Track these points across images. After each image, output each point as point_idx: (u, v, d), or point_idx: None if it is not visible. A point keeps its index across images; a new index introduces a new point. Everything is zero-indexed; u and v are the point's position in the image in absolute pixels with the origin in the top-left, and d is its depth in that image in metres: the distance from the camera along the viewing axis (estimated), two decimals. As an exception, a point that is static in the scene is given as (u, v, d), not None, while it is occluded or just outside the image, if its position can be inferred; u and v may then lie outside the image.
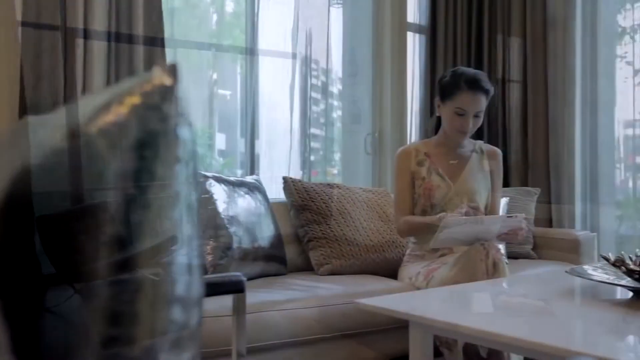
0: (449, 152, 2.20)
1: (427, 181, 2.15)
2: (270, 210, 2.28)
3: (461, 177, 2.16)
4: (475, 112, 2.08)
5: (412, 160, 2.19)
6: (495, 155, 2.26)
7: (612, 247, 3.25)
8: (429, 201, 2.13)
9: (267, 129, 3.23)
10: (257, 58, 3.01)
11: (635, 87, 3.19)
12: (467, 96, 2.06)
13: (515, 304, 1.35)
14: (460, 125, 2.09)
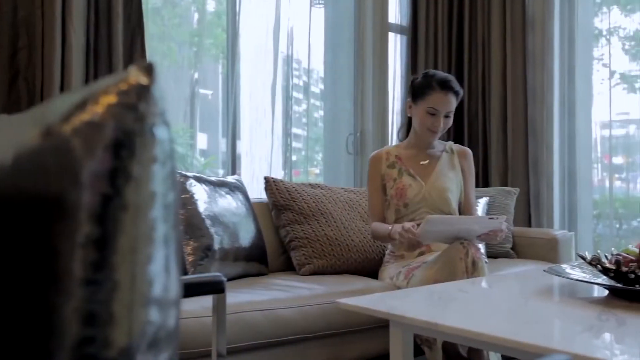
0: (419, 154, 2.24)
1: (398, 182, 2.19)
2: (252, 210, 2.28)
3: (432, 176, 2.19)
4: (446, 112, 2.14)
5: (383, 164, 2.24)
6: (466, 154, 2.30)
7: (590, 245, 3.30)
8: (401, 201, 2.16)
9: (248, 129, 3.22)
10: (239, 57, 3.00)
11: (611, 89, 3.24)
12: (439, 96, 2.12)
13: (494, 303, 1.36)
14: (431, 124, 2.14)
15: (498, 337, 0.98)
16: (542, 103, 3.26)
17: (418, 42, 3.38)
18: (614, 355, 0.96)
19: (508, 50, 3.32)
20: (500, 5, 3.36)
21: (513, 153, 3.31)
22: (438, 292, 1.41)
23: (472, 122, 3.48)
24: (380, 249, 2.40)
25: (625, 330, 1.08)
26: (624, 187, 3.33)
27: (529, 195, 3.26)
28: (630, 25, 3.28)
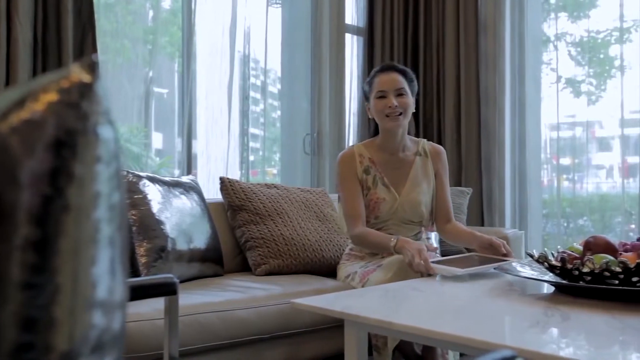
0: (392, 157, 2.13)
1: (372, 192, 2.08)
2: (207, 210, 2.25)
3: (406, 188, 2.10)
4: (395, 89, 2.04)
5: (358, 165, 2.11)
6: (439, 154, 2.20)
7: (539, 244, 3.41)
8: (373, 214, 2.08)
9: (205, 128, 3.18)
10: (195, 56, 2.97)
11: (559, 92, 3.36)
12: (382, 77, 2.06)
13: (447, 301, 1.39)
14: (384, 106, 2.03)
15: (448, 334, 1.00)
16: (494, 105, 3.34)
17: (374, 43, 3.42)
18: (560, 349, 1.00)
19: (462, 53, 3.39)
20: (454, 9, 3.43)
21: (467, 154, 3.38)
22: (392, 291, 1.43)
23: (427, 123, 3.54)
24: (336, 249, 2.41)
25: (569, 325, 1.12)
26: (571, 187, 3.45)
27: (481, 195, 3.33)
28: (576, 31, 3.40)
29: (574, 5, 3.44)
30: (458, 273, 1.58)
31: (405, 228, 2.11)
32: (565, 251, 1.44)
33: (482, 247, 1.92)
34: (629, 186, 3.16)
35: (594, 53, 3.38)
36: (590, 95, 3.32)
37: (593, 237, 1.46)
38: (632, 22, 3.13)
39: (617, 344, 1.00)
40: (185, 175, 2.61)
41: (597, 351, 0.96)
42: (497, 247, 1.85)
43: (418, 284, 1.55)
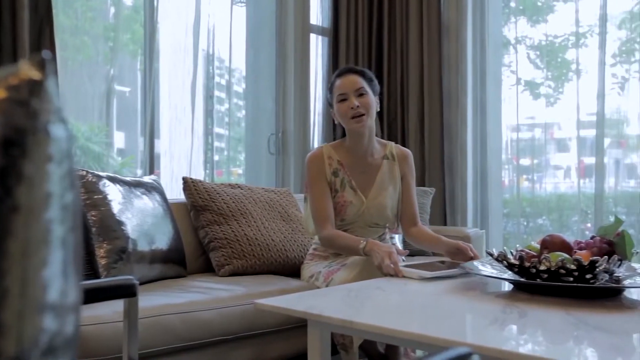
0: (360, 161, 2.13)
1: (340, 195, 2.08)
2: (169, 211, 2.22)
3: (373, 191, 2.11)
4: (354, 89, 2.03)
5: (327, 167, 2.11)
6: (406, 158, 2.20)
7: (500, 242, 3.48)
8: (339, 217, 2.08)
9: (168, 128, 3.14)
10: (157, 54, 2.92)
11: (518, 95, 3.44)
12: (340, 81, 2.07)
13: (409, 300, 1.40)
14: (346, 108, 2.03)
15: (408, 332, 1.01)
16: (456, 107, 3.39)
17: (339, 44, 3.43)
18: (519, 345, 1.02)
19: (425, 55, 3.44)
20: (418, 12, 3.47)
21: (430, 154, 3.43)
22: (355, 291, 1.44)
23: (392, 125, 3.57)
24: (300, 249, 2.41)
25: (526, 322, 1.14)
26: (531, 187, 3.53)
27: (444, 194, 3.39)
28: (535, 35, 3.49)
29: (533, 10, 3.52)
30: (426, 276, 1.60)
31: (370, 231, 2.12)
32: (523, 250, 1.47)
33: (449, 252, 1.94)
34: (585, 186, 3.26)
35: (552, 57, 3.47)
36: (548, 97, 3.41)
37: (550, 236, 1.49)
38: (588, 27, 3.23)
39: (571, 339, 1.03)
40: (148, 175, 2.57)
41: (553, 347, 0.99)
42: (464, 251, 1.87)
43: (381, 283, 1.56)
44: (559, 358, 0.89)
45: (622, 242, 1.38)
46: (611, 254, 1.38)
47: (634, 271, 1.49)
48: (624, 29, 3.19)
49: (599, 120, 3.09)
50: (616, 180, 3.21)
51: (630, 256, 1.41)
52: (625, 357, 0.94)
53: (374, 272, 1.76)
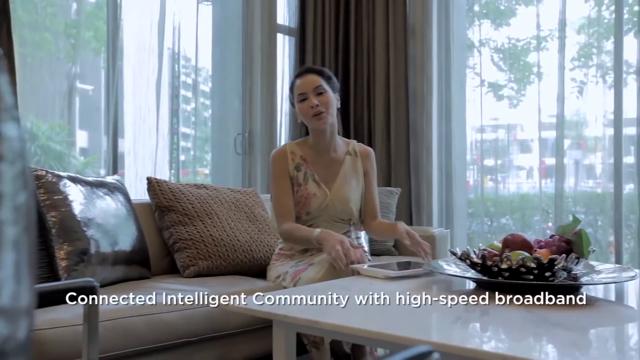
0: (323, 156, 2.19)
1: (303, 188, 2.13)
2: (133, 211, 2.18)
3: (336, 184, 2.16)
4: (313, 88, 2.10)
5: (290, 163, 2.16)
6: (368, 155, 2.27)
7: (464, 242, 3.54)
8: (304, 210, 2.12)
9: (132, 127, 3.09)
10: (121, 52, 2.87)
11: (482, 96, 3.50)
12: (299, 81, 2.13)
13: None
14: (307, 107, 2.09)
15: (373, 331, 1.02)
16: (422, 108, 3.43)
17: (306, 44, 3.43)
18: (483, 343, 1.04)
19: (391, 56, 3.47)
20: (384, 13, 3.50)
21: (396, 155, 3.46)
22: (321, 291, 1.44)
23: (358, 125, 3.59)
24: (267, 249, 2.40)
25: (488, 320, 1.17)
26: (494, 187, 3.60)
27: (410, 194, 3.42)
28: (498, 38, 3.56)
29: (496, 13, 3.59)
30: (391, 275, 1.62)
31: (335, 226, 2.14)
32: (485, 249, 1.50)
33: (401, 237, 2.02)
34: (546, 186, 3.34)
35: (515, 59, 3.55)
36: (511, 99, 3.48)
37: (511, 235, 1.53)
38: (549, 31, 3.31)
39: (531, 336, 1.05)
40: (111, 175, 2.52)
41: (514, 344, 1.01)
42: (412, 236, 1.98)
43: (347, 283, 1.57)
44: (519, 355, 0.91)
45: (579, 241, 1.42)
46: (569, 253, 1.42)
47: (591, 269, 1.54)
48: (582, 33, 3.28)
49: (559, 122, 3.17)
50: (576, 180, 3.30)
51: (587, 254, 1.45)
52: (583, 353, 0.96)
53: (340, 272, 1.77)
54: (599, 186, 3.22)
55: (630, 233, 3.07)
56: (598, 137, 3.17)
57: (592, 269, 1.53)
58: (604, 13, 3.21)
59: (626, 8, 3.06)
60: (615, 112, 3.06)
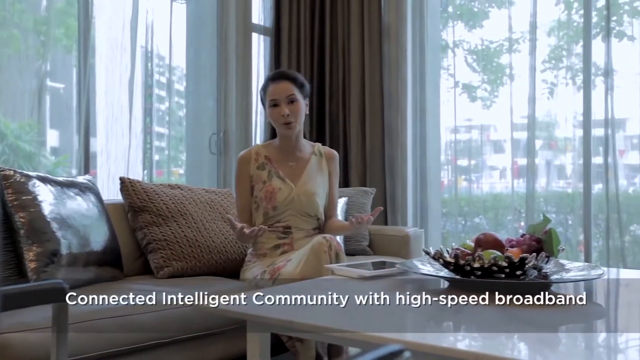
0: (289, 156, 2.25)
1: (268, 184, 2.19)
2: (105, 212, 2.15)
3: (302, 179, 2.22)
4: (285, 96, 2.16)
5: (252, 165, 2.23)
6: (333, 157, 2.35)
7: (439, 241, 3.57)
8: (271, 204, 2.17)
9: (104, 126, 3.05)
10: (93, 50, 2.83)
11: (456, 97, 3.54)
12: (272, 87, 2.19)
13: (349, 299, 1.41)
14: (278, 114, 2.16)
15: (347, 331, 1.02)
16: (397, 108, 3.46)
17: (281, 44, 3.43)
18: (457, 341, 1.05)
19: (366, 57, 3.48)
20: (359, 13, 3.51)
21: (371, 155, 3.47)
22: (295, 290, 1.44)
23: (333, 125, 3.60)
24: (241, 250, 2.39)
25: (461, 318, 1.18)
26: (468, 187, 3.64)
27: (385, 195, 3.44)
28: (472, 40, 3.60)
29: (469, 15, 3.64)
30: (366, 275, 1.63)
31: (303, 220, 2.20)
32: (458, 248, 1.52)
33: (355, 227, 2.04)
34: (518, 186, 3.39)
35: (488, 61, 3.59)
36: (485, 100, 3.53)
37: (483, 235, 1.55)
38: (520, 33, 3.36)
39: (503, 334, 1.07)
40: (83, 175, 2.48)
41: (486, 342, 1.02)
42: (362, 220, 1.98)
43: (321, 282, 1.57)
44: (491, 353, 0.92)
45: (549, 240, 1.45)
46: (540, 251, 1.44)
47: (561, 267, 1.57)
48: (553, 36, 3.34)
49: (530, 123, 3.22)
50: (547, 180, 3.36)
51: (557, 253, 1.48)
52: (552, 350, 0.98)
53: (320, 260, 1.84)
54: (569, 186, 3.28)
55: (598, 232, 3.14)
56: (568, 138, 3.23)
57: (562, 267, 1.56)
58: (574, 16, 3.27)
59: (595, 12, 3.13)
60: (585, 114, 3.12)
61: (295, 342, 1.88)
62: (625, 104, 3.08)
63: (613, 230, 3.04)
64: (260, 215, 2.19)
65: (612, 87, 3.04)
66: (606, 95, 3.04)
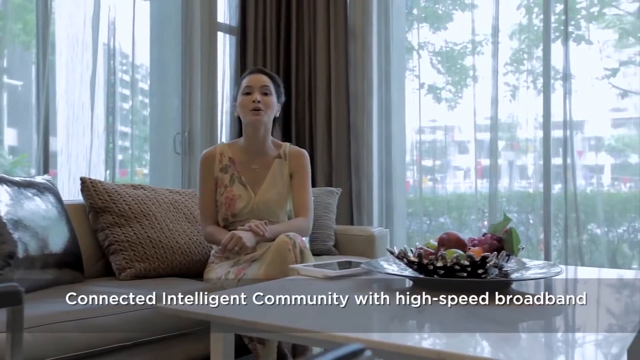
0: (253, 157, 2.23)
1: (229, 189, 2.18)
2: (65, 213, 2.10)
3: (262, 187, 2.20)
4: (260, 86, 2.17)
5: (216, 165, 2.21)
6: (299, 156, 2.27)
7: (404, 241, 3.61)
8: (230, 211, 2.17)
9: (65, 125, 2.97)
10: (53, 46, 2.76)
11: (421, 98, 3.58)
12: (251, 76, 2.21)
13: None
14: (248, 101, 2.15)
15: (310, 330, 1.02)
16: (362, 109, 3.48)
17: (247, 43, 3.41)
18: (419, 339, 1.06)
19: (332, 57, 3.49)
20: (325, 14, 3.52)
21: (337, 155, 3.48)
22: (259, 291, 1.43)
23: (299, 125, 3.60)
24: (206, 251, 2.37)
25: (424, 317, 1.19)
26: (433, 187, 3.69)
27: (351, 195, 3.45)
28: (437, 41, 3.65)
29: (434, 17, 3.68)
30: (331, 275, 1.63)
31: None
32: (422, 247, 1.53)
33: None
34: (482, 186, 3.45)
35: (452, 63, 3.65)
36: (449, 101, 3.58)
37: (446, 234, 1.57)
38: (484, 36, 3.42)
39: (465, 331, 1.08)
40: (42, 175, 2.42)
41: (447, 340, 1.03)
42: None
43: (286, 283, 1.57)
44: (453, 351, 0.93)
45: (509, 239, 1.48)
46: (500, 250, 1.47)
47: (522, 265, 1.60)
48: (514, 39, 3.41)
49: (493, 124, 3.29)
50: (510, 180, 3.42)
51: (517, 252, 1.51)
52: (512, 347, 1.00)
53: (285, 259, 1.83)
54: (531, 186, 3.36)
55: (558, 231, 3.22)
56: (530, 139, 3.31)
57: (523, 265, 1.59)
58: (535, 21, 3.35)
59: (554, 17, 3.21)
60: (544, 116, 3.20)
61: (257, 345, 1.87)
62: (583, 106, 3.17)
63: (571, 229, 3.13)
64: (221, 220, 2.20)
65: (571, 90, 3.12)
66: (565, 98, 3.12)
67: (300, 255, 1.85)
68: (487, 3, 3.31)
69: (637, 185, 3.20)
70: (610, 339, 1.01)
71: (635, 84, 3.13)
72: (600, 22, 3.23)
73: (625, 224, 3.17)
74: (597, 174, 3.21)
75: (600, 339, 1.02)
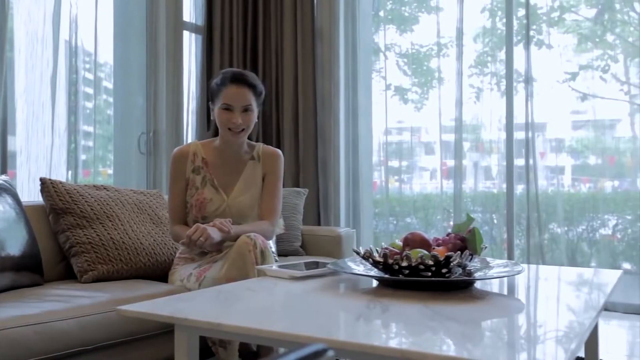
0: (227, 160, 2.17)
1: (200, 192, 2.12)
2: (24, 214, 2.04)
3: (235, 191, 2.15)
4: (242, 105, 2.05)
5: (189, 165, 2.14)
6: (272, 157, 2.22)
7: (371, 241, 3.63)
8: (200, 213, 2.11)
9: (24, 124, 2.89)
10: (11, 43, 2.68)
11: (388, 100, 3.61)
12: (231, 90, 2.04)
13: (278, 299, 1.41)
14: (228, 120, 2.05)
15: (274, 331, 1.02)
16: (329, 110, 3.49)
17: (213, 43, 3.38)
18: (383, 339, 1.06)
19: (299, 58, 3.49)
20: (292, 15, 3.52)
21: (304, 156, 3.48)
22: (224, 293, 1.41)
23: (267, 126, 3.58)
24: (171, 252, 2.33)
25: (388, 316, 1.20)
26: (399, 187, 3.72)
27: (318, 195, 3.46)
28: (403, 43, 3.68)
29: (400, 20, 3.72)
30: (296, 275, 1.62)
31: None
32: (387, 247, 1.54)
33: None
34: (447, 187, 3.50)
35: (418, 64, 3.69)
36: (416, 103, 3.62)
37: (411, 234, 1.58)
38: (449, 38, 3.47)
39: (428, 330, 1.09)
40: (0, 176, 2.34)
41: (411, 339, 1.04)
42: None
43: (251, 284, 1.55)
44: (417, 349, 0.94)
45: (473, 238, 1.50)
46: (464, 250, 1.49)
47: (485, 264, 1.62)
48: (478, 42, 3.47)
49: (457, 125, 3.34)
50: (474, 181, 3.48)
51: (480, 251, 1.53)
52: (475, 344, 1.01)
53: (245, 261, 1.80)
54: (495, 186, 3.42)
55: (520, 230, 3.29)
56: (493, 141, 3.37)
57: (486, 264, 1.62)
58: (498, 24, 3.42)
59: (516, 21, 3.28)
60: (507, 118, 3.26)
61: (219, 348, 1.85)
62: (544, 109, 3.25)
63: (533, 228, 3.20)
64: (191, 221, 2.14)
65: (532, 93, 3.19)
66: (527, 100, 3.19)
67: (261, 256, 1.83)
68: (452, 6, 3.36)
69: (595, 185, 3.29)
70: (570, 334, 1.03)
71: (594, 88, 3.23)
72: (560, 27, 3.31)
73: (584, 223, 3.26)
74: (557, 175, 3.29)
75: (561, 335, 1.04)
